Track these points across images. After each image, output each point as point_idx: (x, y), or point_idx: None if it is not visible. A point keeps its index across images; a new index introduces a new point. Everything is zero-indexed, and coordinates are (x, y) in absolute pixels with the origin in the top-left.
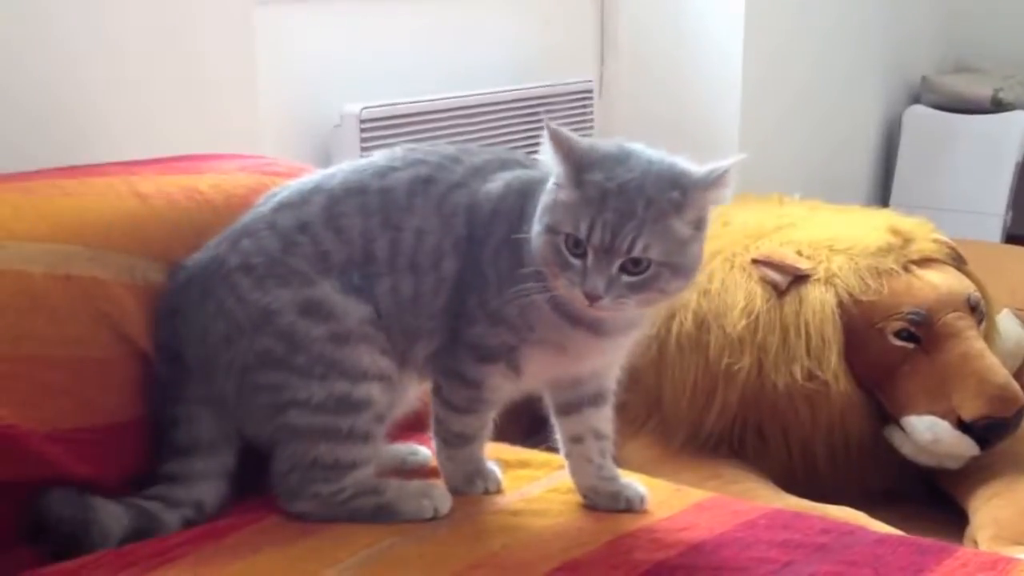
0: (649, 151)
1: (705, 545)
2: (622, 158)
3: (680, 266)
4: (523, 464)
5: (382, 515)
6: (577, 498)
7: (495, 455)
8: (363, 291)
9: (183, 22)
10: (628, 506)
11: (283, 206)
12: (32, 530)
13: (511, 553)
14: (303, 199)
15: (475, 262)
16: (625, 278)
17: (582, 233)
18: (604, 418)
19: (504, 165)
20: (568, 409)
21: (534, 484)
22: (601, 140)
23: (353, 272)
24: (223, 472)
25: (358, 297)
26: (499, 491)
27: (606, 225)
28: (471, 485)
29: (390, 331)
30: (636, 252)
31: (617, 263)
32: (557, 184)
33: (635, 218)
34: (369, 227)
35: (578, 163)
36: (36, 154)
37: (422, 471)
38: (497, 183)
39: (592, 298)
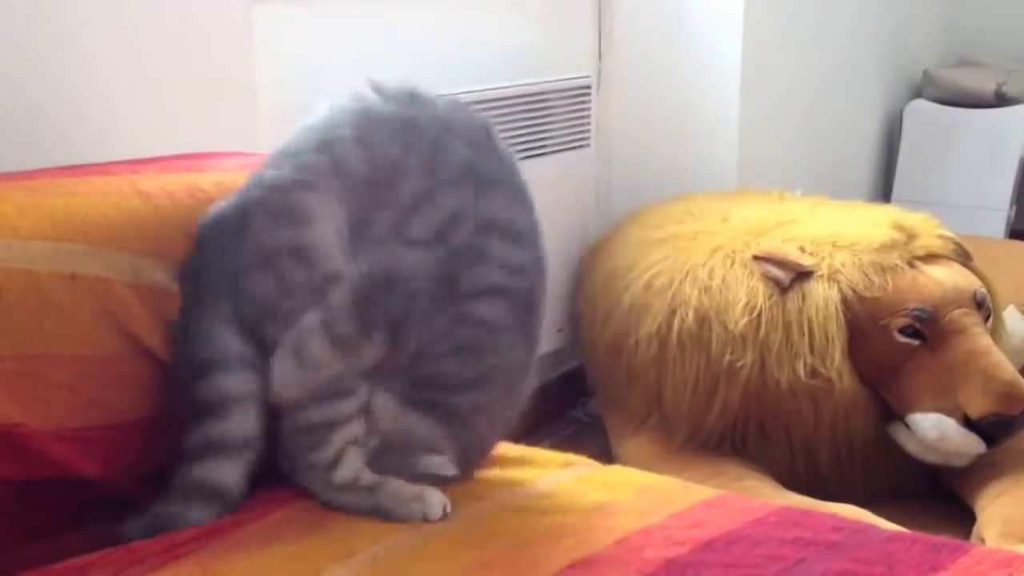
0: None
1: (716, 542)
2: None
3: None
4: (527, 462)
5: (378, 515)
6: (584, 495)
7: (498, 452)
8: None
9: (181, 21)
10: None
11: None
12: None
13: (521, 551)
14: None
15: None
16: None
17: None
18: None
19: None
20: None
21: (539, 481)
22: None
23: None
24: (253, 395)
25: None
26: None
27: None
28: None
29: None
30: None
31: None
32: None
33: None
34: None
35: None
36: (35, 153)
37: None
38: None
39: None
